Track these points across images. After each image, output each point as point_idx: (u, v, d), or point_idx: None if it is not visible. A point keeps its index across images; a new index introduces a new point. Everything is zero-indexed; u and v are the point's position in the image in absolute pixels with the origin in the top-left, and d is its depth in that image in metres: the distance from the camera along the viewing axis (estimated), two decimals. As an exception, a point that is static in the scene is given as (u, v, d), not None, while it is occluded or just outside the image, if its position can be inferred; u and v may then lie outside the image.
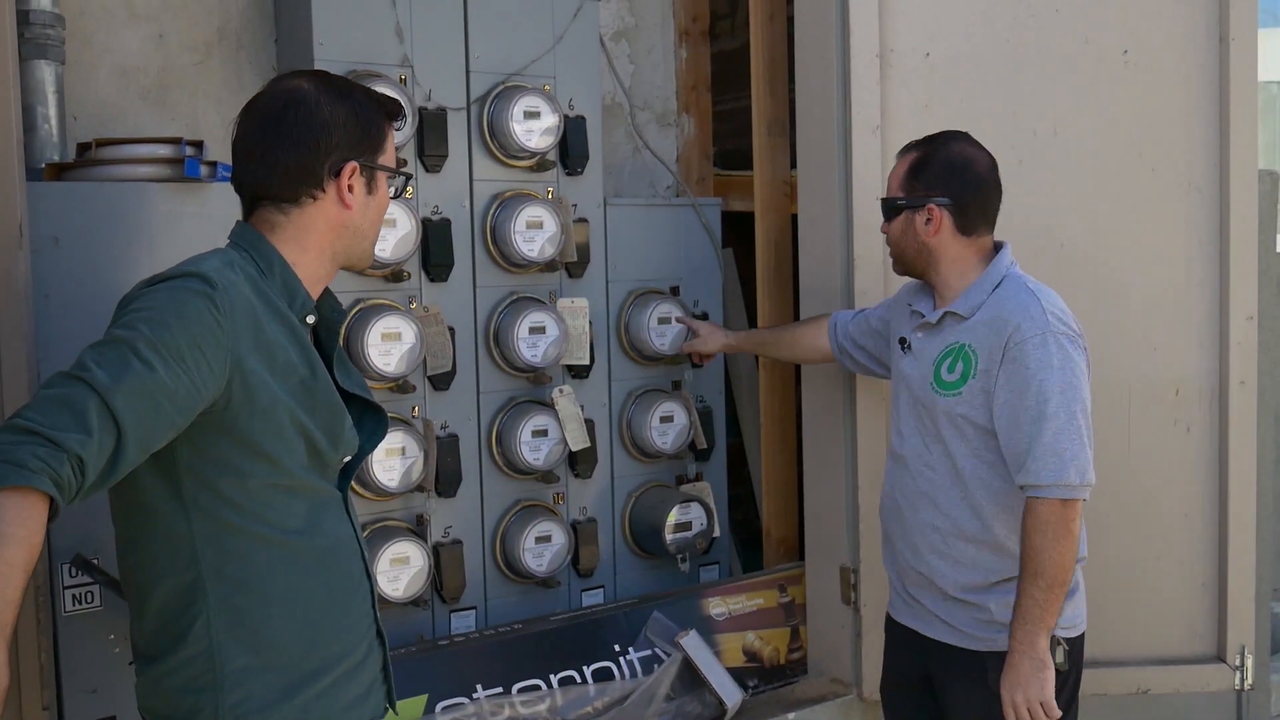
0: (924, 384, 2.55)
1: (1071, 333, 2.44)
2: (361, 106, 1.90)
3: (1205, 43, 3.19)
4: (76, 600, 2.51)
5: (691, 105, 4.03)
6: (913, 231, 2.55)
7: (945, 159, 2.54)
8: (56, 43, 2.77)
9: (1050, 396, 2.36)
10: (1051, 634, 2.39)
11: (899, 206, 2.56)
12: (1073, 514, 2.35)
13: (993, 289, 2.50)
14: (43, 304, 2.41)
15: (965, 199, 2.53)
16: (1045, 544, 2.34)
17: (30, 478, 1.49)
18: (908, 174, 2.56)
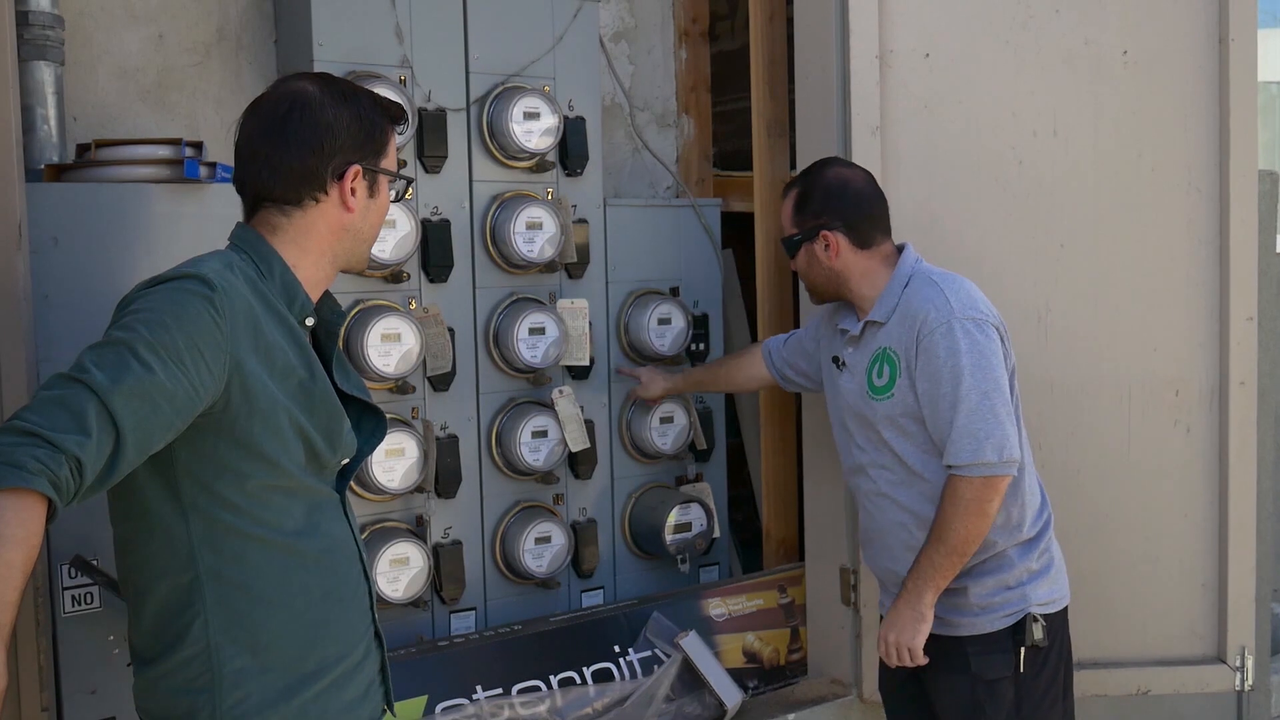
0: (861, 395, 2.65)
1: (979, 316, 2.51)
2: (365, 110, 1.91)
3: (1205, 43, 3.19)
4: (76, 601, 2.51)
5: (691, 106, 4.03)
6: (816, 261, 2.67)
7: (823, 186, 2.67)
8: (56, 44, 2.77)
9: (961, 380, 2.46)
10: (1029, 612, 2.53)
11: (797, 241, 2.68)
12: (991, 492, 2.46)
13: (902, 289, 2.60)
14: (42, 304, 2.41)
15: (852, 217, 2.64)
16: (956, 516, 2.46)
17: (29, 479, 1.49)
18: (795, 209, 2.69)
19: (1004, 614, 2.57)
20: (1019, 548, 2.59)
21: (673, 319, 3.50)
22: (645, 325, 3.44)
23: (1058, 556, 2.67)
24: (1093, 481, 3.23)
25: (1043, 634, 2.56)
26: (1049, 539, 2.66)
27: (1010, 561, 2.58)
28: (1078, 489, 3.21)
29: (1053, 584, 2.63)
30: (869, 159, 3.09)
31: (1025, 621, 2.55)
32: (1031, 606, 2.56)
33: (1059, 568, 2.66)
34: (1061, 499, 3.18)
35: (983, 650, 2.57)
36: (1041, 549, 2.62)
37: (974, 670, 2.56)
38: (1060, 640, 2.64)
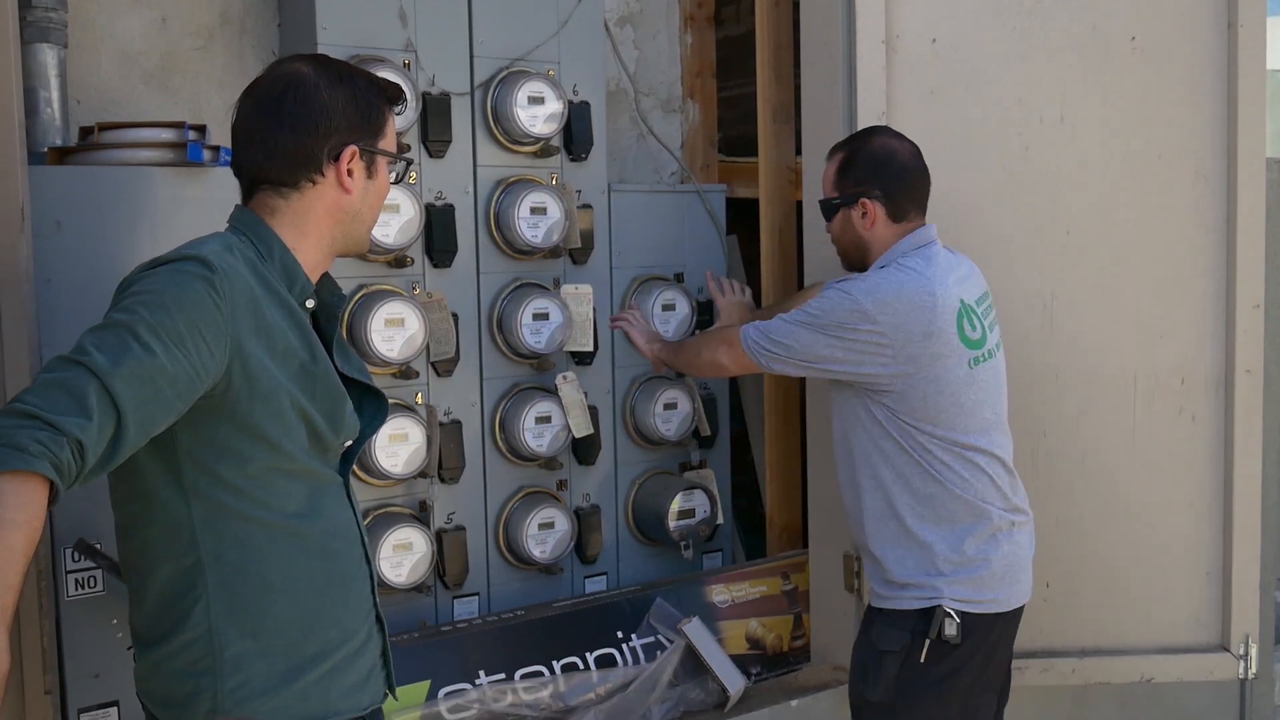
0: None
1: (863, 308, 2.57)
2: (361, 90, 1.90)
3: (1213, 29, 3.17)
4: (79, 585, 2.51)
5: (696, 91, 4.02)
6: (850, 227, 2.74)
7: (869, 154, 2.71)
8: (59, 26, 2.76)
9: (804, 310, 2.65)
10: (940, 604, 2.58)
11: (835, 205, 2.75)
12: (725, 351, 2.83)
13: (878, 268, 2.68)
14: (45, 288, 2.40)
15: (893, 188, 2.69)
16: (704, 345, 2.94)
17: (30, 462, 1.49)
18: (838, 174, 2.74)
19: (915, 596, 2.62)
20: (942, 535, 2.61)
21: (677, 305, 3.49)
22: (650, 311, 3.43)
23: (1001, 562, 2.64)
24: (1098, 469, 3.22)
25: (956, 631, 2.57)
26: (994, 541, 2.64)
27: (928, 547, 2.61)
28: (1083, 477, 3.21)
29: (982, 586, 2.62)
30: (875, 145, 3.08)
31: (936, 613, 2.58)
32: (944, 599, 2.58)
33: (1001, 574, 2.64)
34: (1066, 487, 3.19)
35: (886, 623, 2.65)
36: (977, 545, 2.61)
37: (873, 637, 2.67)
38: (977, 645, 2.63)
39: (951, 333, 2.60)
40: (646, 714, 3.01)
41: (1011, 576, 2.66)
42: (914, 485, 2.63)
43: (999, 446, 2.69)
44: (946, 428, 2.61)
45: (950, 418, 2.61)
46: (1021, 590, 2.70)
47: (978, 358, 2.65)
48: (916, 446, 2.62)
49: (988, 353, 2.70)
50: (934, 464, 2.62)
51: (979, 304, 2.71)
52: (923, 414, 2.61)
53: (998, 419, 2.71)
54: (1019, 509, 2.71)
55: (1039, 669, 3.21)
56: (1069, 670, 3.24)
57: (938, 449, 2.61)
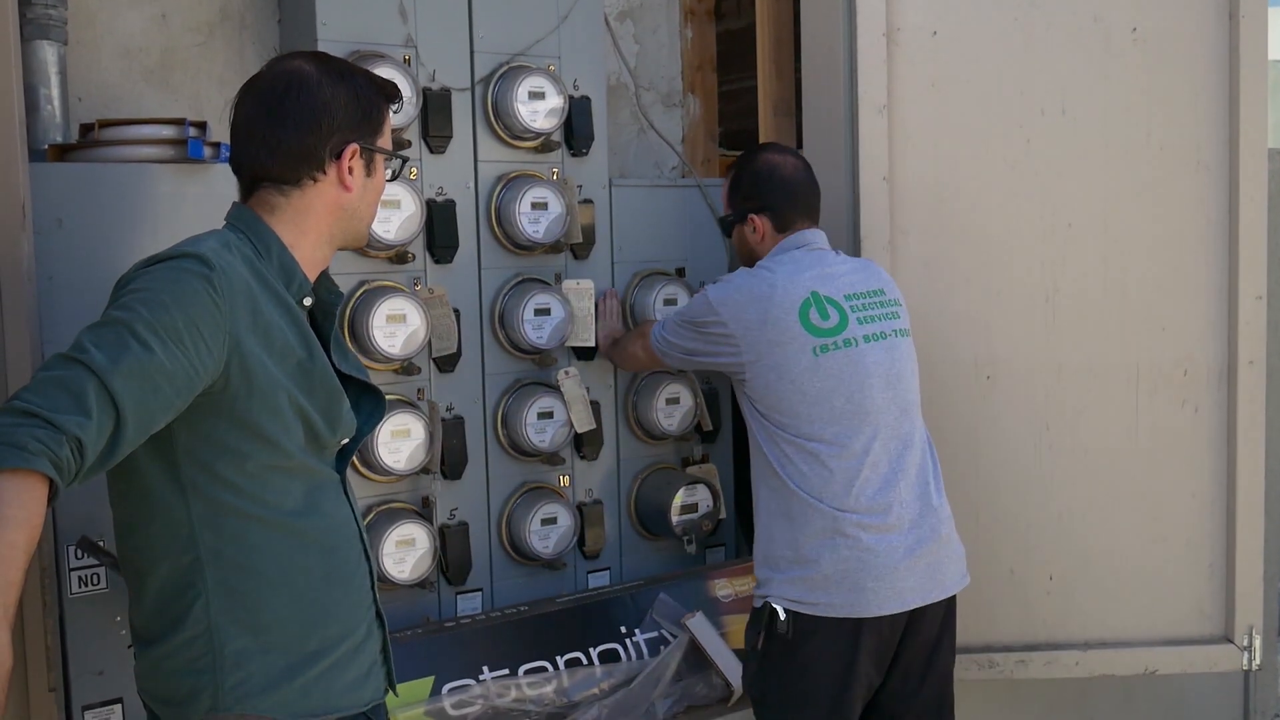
0: None
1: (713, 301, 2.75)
2: (362, 88, 1.90)
3: (1215, 20, 3.17)
4: (83, 582, 2.51)
5: (697, 85, 4.01)
6: (744, 240, 2.90)
7: (753, 172, 2.86)
8: (59, 23, 2.76)
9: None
10: (768, 599, 2.66)
11: (730, 222, 2.93)
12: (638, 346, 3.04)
13: None
14: (46, 285, 2.40)
15: (777, 202, 2.83)
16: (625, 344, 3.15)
17: (30, 460, 1.49)
18: (729, 193, 2.91)
19: (760, 593, 2.73)
20: (781, 529, 2.68)
21: (679, 299, 3.48)
22: (651, 306, 3.43)
23: (835, 565, 2.60)
24: (1100, 462, 3.22)
25: (787, 628, 2.62)
26: (830, 543, 2.61)
27: (772, 539, 2.71)
28: (1085, 469, 3.21)
29: (815, 588, 2.61)
30: (876, 138, 3.08)
31: (764, 609, 2.67)
32: (772, 596, 2.66)
33: (835, 578, 2.60)
34: (1069, 479, 3.19)
35: (750, 619, 2.78)
36: (817, 546, 2.61)
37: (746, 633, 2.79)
38: (820, 650, 2.62)
39: (792, 320, 2.67)
40: (650, 709, 3.01)
41: (851, 582, 2.59)
42: (767, 478, 2.73)
43: (852, 438, 2.64)
44: (790, 415, 2.67)
45: (793, 405, 2.66)
46: (874, 600, 2.60)
47: (825, 345, 2.67)
48: (768, 438, 2.71)
49: (845, 340, 2.67)
50: (778, 455, 2.69)
51: (856, 298, 2.74)
52: (770, 402, 2.69)
53: (855, 409, 2.65)
54: (877, 510, 2.62)
55: (1043, 662, 3.21)
56: (1073, 663, 3.24)
57: (782, 440, 2.69)
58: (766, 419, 2.71)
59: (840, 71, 3.10)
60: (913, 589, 2.63)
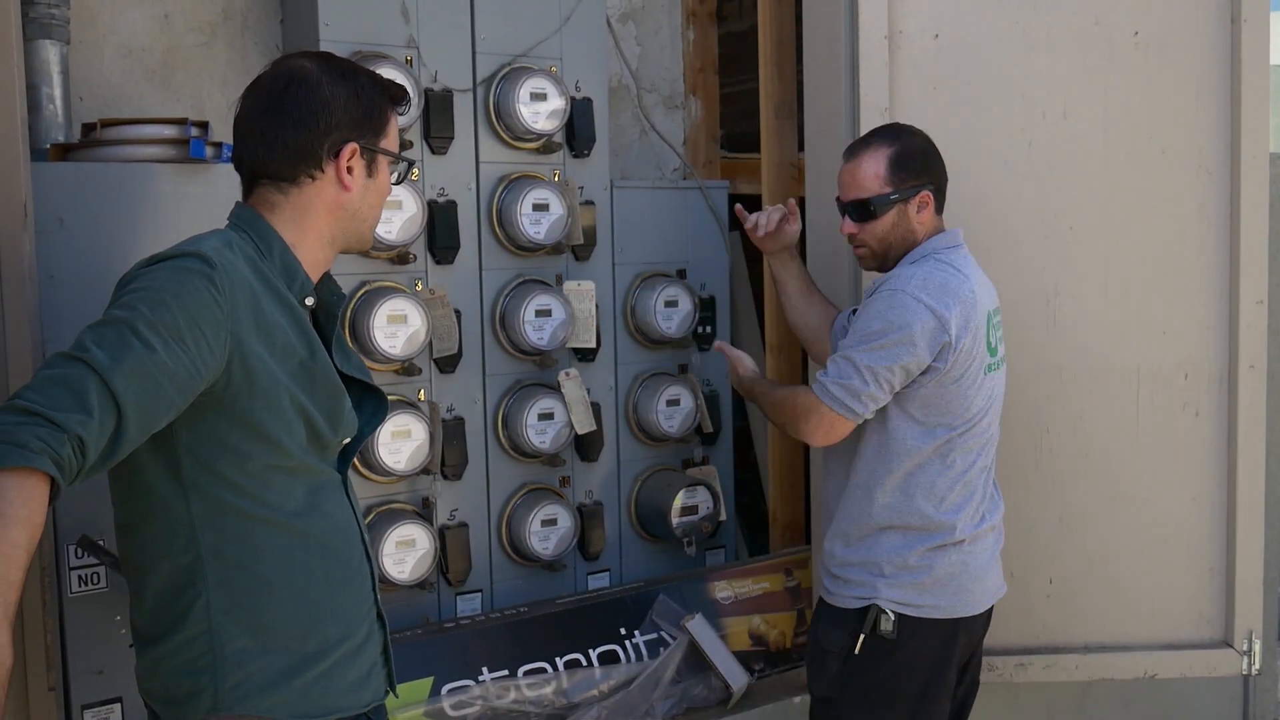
0: None
1: (927, 303, 2.50)
2: (364, 88, 1.90)
3: (1217, 24, 3.17)
4: (82, 581, 2.51)
5: (698, 87, 4.01)
6: (904, 221, 2.66)
7: (919, 147, 2.68)
8: (61, 22, 2.76)
9: (871, 329, 2.52)
10: (875, 602, 2.59)
11: (892, 200, 2.64)
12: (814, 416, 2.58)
13: (910, 264, 2.63)
14: (48, 284, 2.41)
15: (941, 181, 2.70)
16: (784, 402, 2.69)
17: (32, 458, 1.49)
18: (893, 169, 2.64)
19: (854, 595, 2.64)
20: (900, 537, 2.60)
21: (679, 301, 3.49)
22: (652, 307, 3.43)
23: (947, 572, 2.62)
24: (1101, 465, 3.22)
25: (892, 629, 2.58)
26: (943, 547, 2.61)
27: (879, 545, 2.61)
28: (1085, 472, 3.20)
29: (924, 591, 2.60)
30: (877, 141, 3.07)
31: (870, 610, 2.60)
32: (880, 599, 2.59)
33: (942, 579, 2.62)
34: (1069, 483, 3.18)
35: (827, 621, 2.69)
36: (926, 550, 2.60)
37: (819, 635, 2.70)
38: (921, 647, 2.62)
39: (983, 334, 2.59)
40: (649, 710, 3.01)
41: (956, 585, 2.63)
42: (885, 486, 2.60)
43: (983, 454, 2.67)
44: (951, 430, 2.58)
45: (962, 420, 2.59)
46: (972, 600, 2.66)
47: (991, 365, 2.64)
48: (908, 449, 2.58)
49: (999, 362, 2.69)
50: (929, 471, 2.59)
51: (994, 315, 2.69)
52: (941, 413, 2.57)
53: (993, 432, 2.69)
54: (985, 519, 2.68)
55: (1042, 665, 3.21)
56: (1072, 666, 3.24)
57: (928, 449, 2.58)
58: (921, 424, 2.57)
59: (842, 74, 3.10)
60: (993, 589, 2.73)
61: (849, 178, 2.68)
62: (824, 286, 3.18)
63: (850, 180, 2.68)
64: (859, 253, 2.74)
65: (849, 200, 2.68)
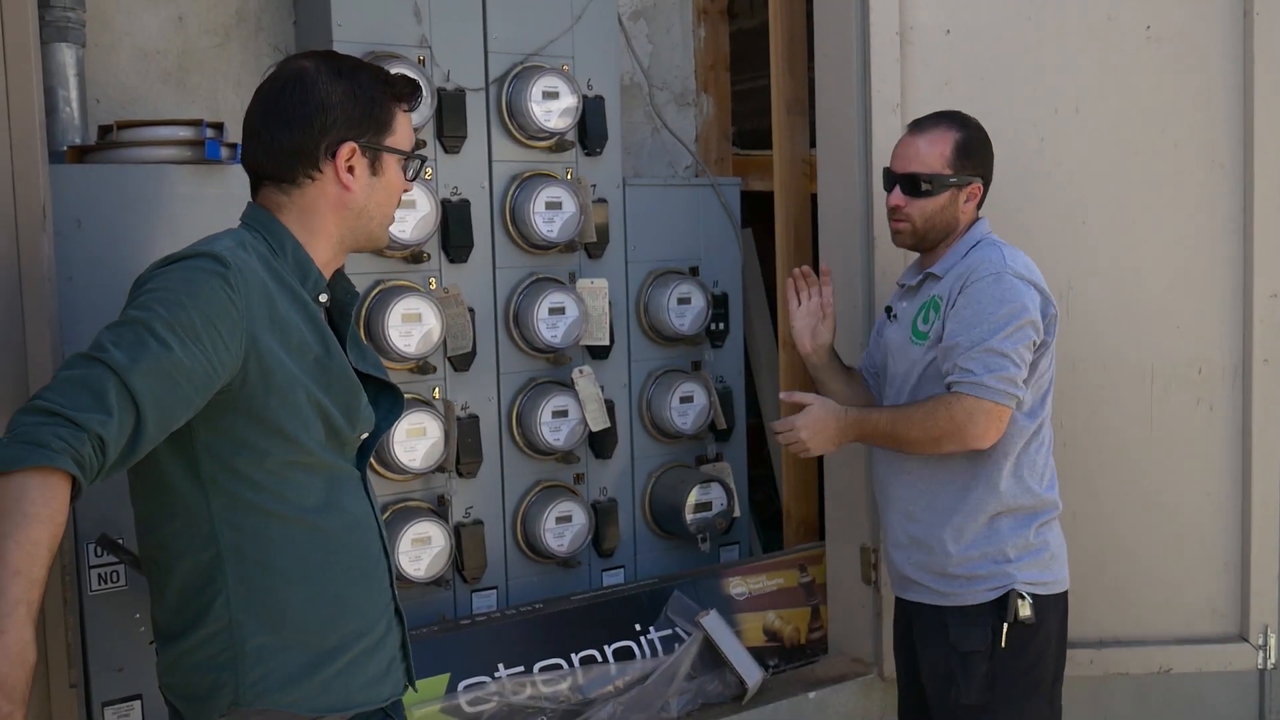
0: (904, 342, 2.67)
1: (1029, 277, 2.54)
2: (364, 86, 1.87)
3: (1229, 18, 3.16)
4: (102, 580, 2.53)
5: (710, 85, 4.02)
6: (953, 206, 2.63)
7: (983, 140, 2.66)
8: (77, 25, 2.78)
9: (992, 319, 2.47)
10: (1013, 588, 2.53)
11: (949, 184, 2.61)
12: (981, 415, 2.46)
13: (968, 250, 2.62)
14: (66, 286, 2.42)
15: (990, 178, 2.68)
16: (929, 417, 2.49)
17: (53, 458, 1.51)
18: (955, 153, 2.60)
19: (987, 587, 2.56)
20: (1013, 519, 2.58)
21: (692, 298, 3.50)
22: (665, 305, 3.44)
23: (1056, 541, 2.64)
24: (1115, 460, 3.22)
25: (1030, 612, 2.53)
26: (1050, 521, 2.63)
27: (1000, 533, 2.57)
28: (1100, 468, 3.20)
29: (1046, 567, 2.59)
30: (889, 137, 3.07)
31: (1009, 597, 2.54)
32: (1017, 583, 2.55)
33: (1056, 553, 2.63)
34: (1083, 477, 3.18)
35: (962, 622, 2.58)
36: (1039, 527, 2.60)
37: (951, 640, 2.58)
38: (1052, 624, 2.61)
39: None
40: (665, 706, 3.02)
41: (1064, 556, 2.66)
42: (989, 474, 2.56)
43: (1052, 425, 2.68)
44: (1045, 405, 2.61)
45: (1049, 395, 2.62)
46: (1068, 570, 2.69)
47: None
48: (1020, 431, 2.55)
49: None
50: (1031, 449, 2.58)
51: None
52: (1039, 389, 2.58)
53: None
54: None
55: (1057, 660, 3.21)
56: (1087, 661, 3.24)
57: (1030, 427, 2.57)
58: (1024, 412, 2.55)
59: (853, 70, 3.10)
60: None
61: (911, 150, 2.64)
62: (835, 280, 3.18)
63: (911, 153, 2.63)
64: (898, 226, 2.66)
65: (904, 172, 2.63)
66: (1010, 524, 2.58)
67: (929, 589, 2.63)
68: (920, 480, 2.64)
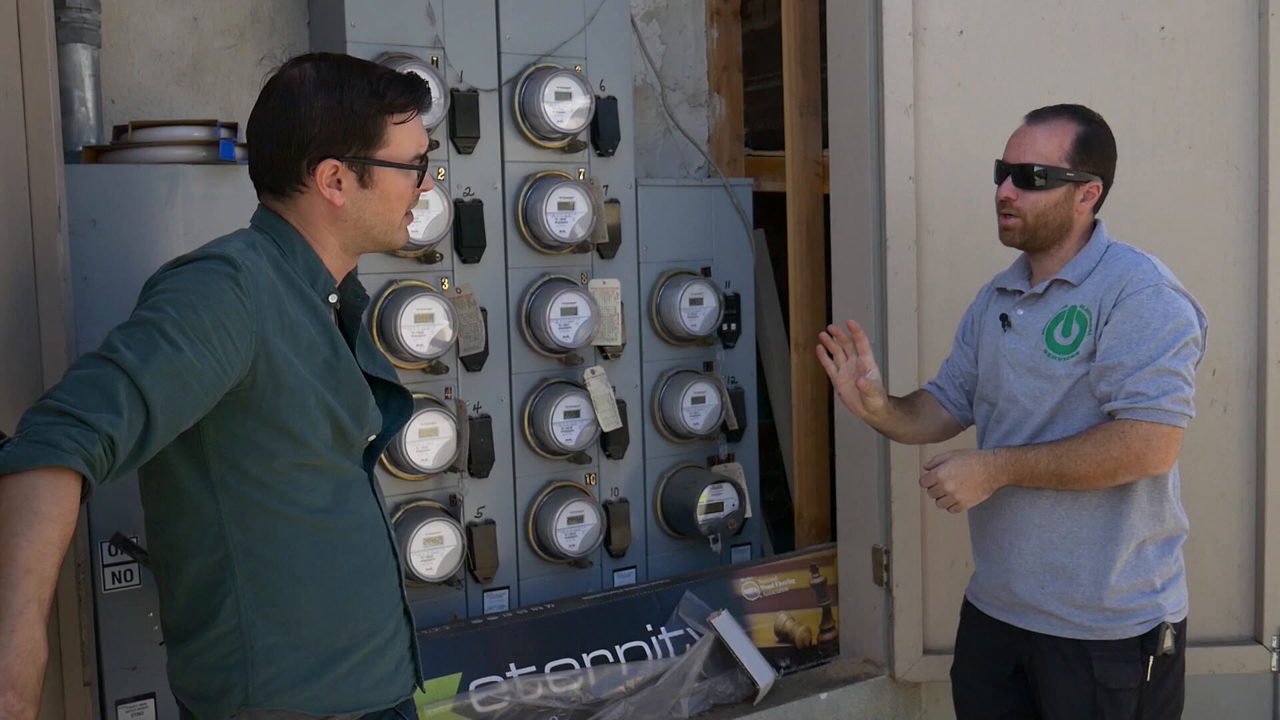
0: (1035, 353, 2.47)
1: (1182, 289, 2.41)
2: (351, 100, 1.81)
3: (1244, 18, 3.15)
4: (116, 578, 2.55)
5: (723, 85, 4.02)
6: (1068, 204, 2.46)
7: (1106, 138, 2.49)
8: (93, 26, 2.80)
9: (1160, 336, 2.33)
10: (1163, 620, 2.40)
11: (1066, 179, 2.44)
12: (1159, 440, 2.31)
13: (1101, 255, 2.46)
14: (81, 286, 2.44)
15: (1110, 179, 2.51)
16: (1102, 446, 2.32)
17: (64, 457, 1.52)
18: (1077, 148, 2.45)
19: (1137, 621, 2.41)
20: (1158, 546, 2.44)
21: (704, 299, 3.50)
22: (677, 305, 3.44)
23: (1184, 567, 2.51)
24: (1128, 462, 3.20)
25: (1172, 643, 2.41)
26: (1182, 545, 2.49)
27: (1149, 562, 2.42)
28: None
29: (1180, 591, 2.48)
30: (902, 137, 3.07)
31: (1159, 630, 2.40)
32: (1166, 615, 2.41)
33: (1183, 574, 2.50)
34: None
35: (1108, 657, 2.41)
36: (1177, 552, 2.47)
37: (1097, 677, 2.42)
38: (1182, 655, 2.49)
39: None
40: (676, 707, 3.02)
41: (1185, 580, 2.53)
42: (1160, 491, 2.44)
43: None
44: None
45: None
46: None
47: None
48: None
49: None
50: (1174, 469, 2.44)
51: None
52: None
53: None
54: None
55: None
56: (1100, 663, 3.22)
57: None
58: None
59: (866, 71, 3.10)
60: None
61: (1028, 140, 2.47)
62: (847, 281, 3.19)
63: (1028, 144, 2.47)
64: (1007, 222, 2.49)
65: (1017, 163, 2.47)
66: (1155, 551, 2.43)
67: (1066, 621, 2.44)
68: (1060, 505, 2.44)
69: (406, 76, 1.90)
